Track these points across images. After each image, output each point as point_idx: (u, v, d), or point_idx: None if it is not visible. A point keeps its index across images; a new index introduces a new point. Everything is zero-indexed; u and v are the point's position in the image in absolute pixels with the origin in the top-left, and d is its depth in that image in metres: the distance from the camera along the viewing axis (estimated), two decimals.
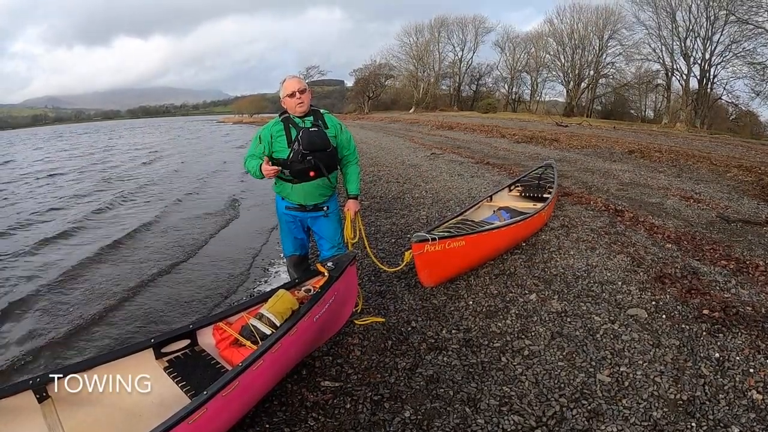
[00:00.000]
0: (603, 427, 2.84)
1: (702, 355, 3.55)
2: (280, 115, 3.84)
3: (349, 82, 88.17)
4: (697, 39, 44.77)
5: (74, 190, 15.01)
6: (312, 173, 3.76)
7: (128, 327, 5.09)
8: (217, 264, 7.01)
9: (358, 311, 4.30)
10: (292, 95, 3.67)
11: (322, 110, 3.91)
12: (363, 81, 75.07)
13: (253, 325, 3.09)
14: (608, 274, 5.03)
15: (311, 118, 3.79)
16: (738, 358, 3.50)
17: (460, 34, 70.84)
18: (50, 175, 19.01)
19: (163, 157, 26.06)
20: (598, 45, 57.16)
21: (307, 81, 3.84)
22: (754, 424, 2.83)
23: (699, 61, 45.17)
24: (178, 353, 3.09)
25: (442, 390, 3.21)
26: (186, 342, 3.14)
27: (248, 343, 3.03)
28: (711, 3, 42.02)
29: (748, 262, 5.37)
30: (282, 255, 5.25)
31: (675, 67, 47.99)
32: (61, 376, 2.60)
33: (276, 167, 3.59)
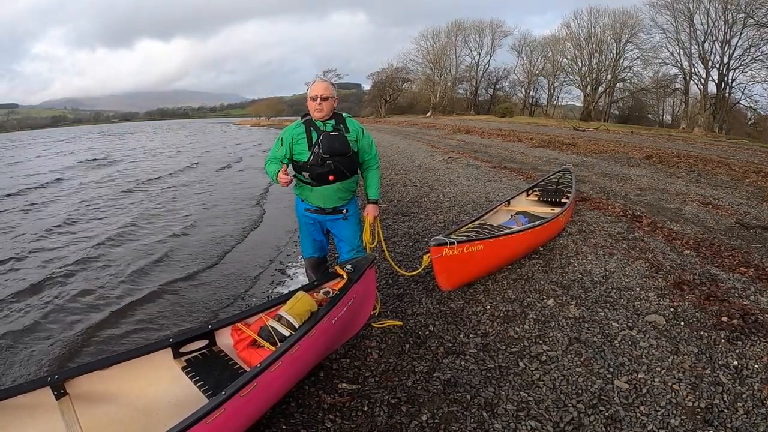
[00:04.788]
0: None
1: (720, 362, 3.53)
2: (302, 117, 3.84)
3: (366, 86, 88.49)
4: (716, 43, 44.47)
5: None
6: (331, 177, 3.77)
7: (147, 327, 5.14)
8: (236, 265, 7.06)
9: (376, 314, 4.32)
10: (314, 99, 3.67)
11: (344, 114, 3.89)
12: (380, 84, 75.19)
13: (271, 327, 3.11)
14: (626, 280, 5.01)
15: (333, 121, 3.78)
16: (757, 366, 3.47)
17: (477, 38, 70.97)
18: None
19: None
20: (615, 49, 56.95)
21: None
22: None
23: (717, 65, 44.84)
24: (196, 353, 3.12)
25: (460, 394, 3.22)
26: (204, 342, 3.17)
27: (267, 344, 3.04)
28: (729, 6, 41.67)
29: (767, 269, 5.32)
30: (300, 257, 5.28)
31: (693, 71, 47.65)
32: (80, 373, 2.64)
33: (289, 178, 3.56)
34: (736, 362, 3.52)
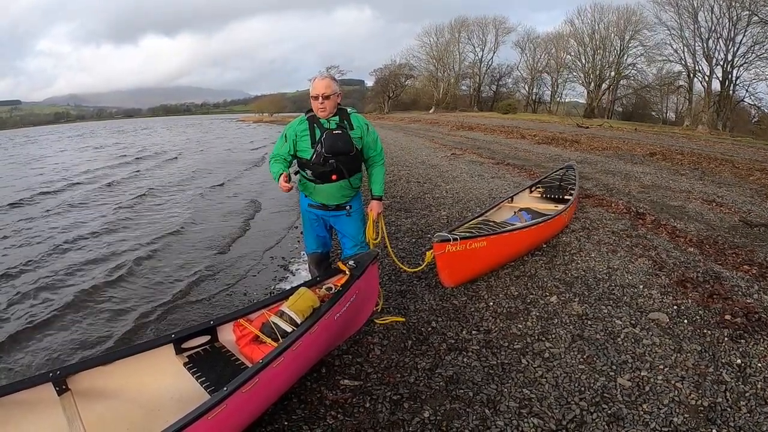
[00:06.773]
0: None
1: (723, 361, 3.52)
2: (306, 113, 3.79)
3: (370, 82, 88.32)
4: (720, 40, 44.19)
5: None
6: (334, 177, 3.76)
7: (149, 322, 5.14)
8: (238, 261, 7.05)
9: (379, 310, 4.32)
10: (315, 98, 3.63)
11: (349, 109, 3.85)
12: (383, 81, 75.11)
13: (273, 323, 3.10)
14: (629, 278, 4.99)
15: (337, 118, 3.73)
16: (760, 365, 3.46)
17: (480, 35, 70.78)
18: None
19: None
20: (619, 46, 56.71)
21: None
22: None
23: (721, 63, 44.56)
24: (198, 349, 3.11)
25: (462, 391, 3.22)
26: (206, 338, 3.16)
27: (269, 340, 3.03)
28: (733, 3, 41.43)
29: None
30: (303, 252, 5.26)
31: (697, 68, 47.38)
32: (81, 369, 2.63)
33: (290, 186, 3.50)
34: (739, 360, 3.51)
